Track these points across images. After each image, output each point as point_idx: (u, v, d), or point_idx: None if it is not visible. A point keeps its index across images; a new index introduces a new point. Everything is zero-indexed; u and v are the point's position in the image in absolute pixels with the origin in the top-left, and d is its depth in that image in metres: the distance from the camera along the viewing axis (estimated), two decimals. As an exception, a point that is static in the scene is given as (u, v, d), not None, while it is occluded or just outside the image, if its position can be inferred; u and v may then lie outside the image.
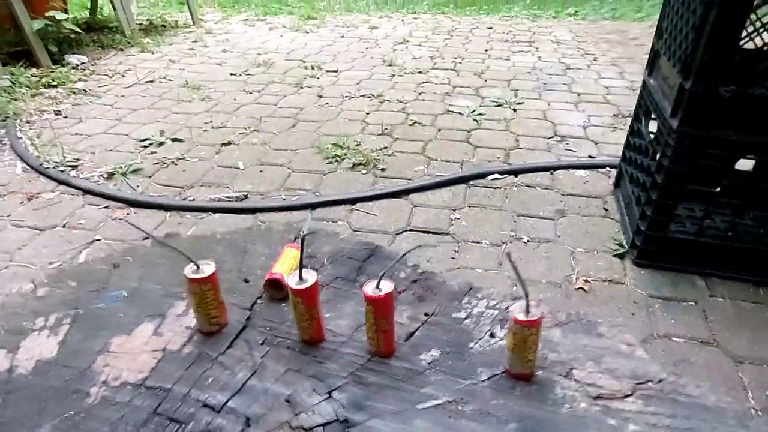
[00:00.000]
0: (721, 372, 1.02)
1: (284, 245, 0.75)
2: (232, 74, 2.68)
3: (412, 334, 0.61)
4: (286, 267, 0.68)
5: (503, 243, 1.38)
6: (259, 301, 0.67)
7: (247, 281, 0.70)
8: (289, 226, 0.86)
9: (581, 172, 1.68)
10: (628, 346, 0.60)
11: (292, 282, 0.57)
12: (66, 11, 3.68)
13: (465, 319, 0.64)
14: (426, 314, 0.64)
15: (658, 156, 1.19)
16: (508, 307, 0.66)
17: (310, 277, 0.58)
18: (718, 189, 1.29)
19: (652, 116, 1.32)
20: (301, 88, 2.46)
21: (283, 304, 0.66)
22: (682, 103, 1.09)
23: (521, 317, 0.53)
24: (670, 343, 1.08)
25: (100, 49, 3.14)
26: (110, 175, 1.76)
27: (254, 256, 0.76)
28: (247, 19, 3.93)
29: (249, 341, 0.60)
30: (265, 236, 0.81)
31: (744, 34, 1.09)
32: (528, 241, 1.38)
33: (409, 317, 0.64)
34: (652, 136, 1.31)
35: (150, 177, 1.75)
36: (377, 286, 0.55)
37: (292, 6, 4.35)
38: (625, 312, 1.15)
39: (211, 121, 2.14)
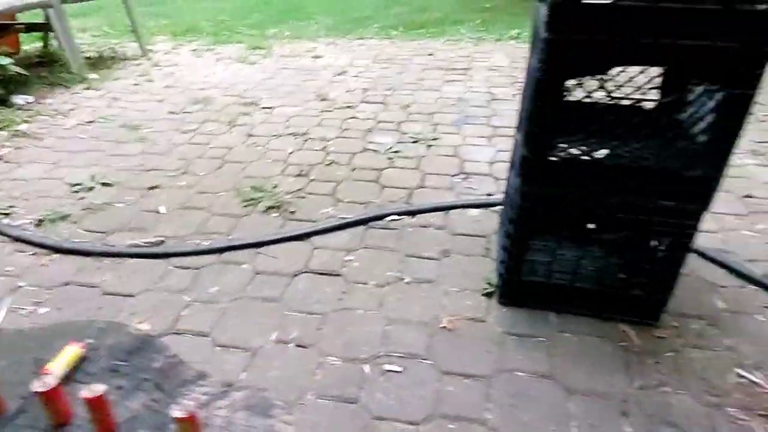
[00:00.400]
0: (552, 403, 1.17)
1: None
2: (171, 112, 2.80)
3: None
4: (61, 364, 0.81)
5: (387, 284, 1.51)
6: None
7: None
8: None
9: (474, 212, 1.83)
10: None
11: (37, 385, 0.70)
12: (17, 51, 3.76)
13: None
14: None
15: (509, 208, 1.34)
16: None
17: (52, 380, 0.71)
18: (560, 238, 1.44)
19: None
20: (234, 126, 2.59)
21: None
22: (522, 165, 1.24)
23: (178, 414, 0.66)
24: (513, 377, 1.23)
25: (47, 87, 3.23)
26: (40, 222, 1.87)
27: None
28: (196, 50, 4.04)
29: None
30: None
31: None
32: (410, 281, 1.52)
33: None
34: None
35: (76, 223, 1.85)
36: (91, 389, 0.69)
37: (242, 34, 4.48)
38: (480, 349, 1.30)
39: (142, 164, 2.25)
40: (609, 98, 1.27)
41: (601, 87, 1.22)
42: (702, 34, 0.92)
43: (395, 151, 2.26)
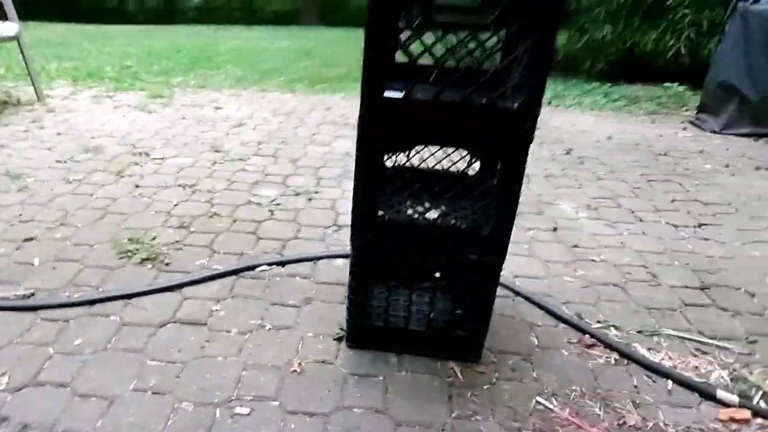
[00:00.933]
0: (379, 434, 1.33)
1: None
2: (58, 161, 2.80)
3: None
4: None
5: (249, 331, 1.64)
6: None
7: None
8: None
9: (339, 261, 2.01)
10: None
11: None
12: None
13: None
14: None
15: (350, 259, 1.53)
16: None
17: None
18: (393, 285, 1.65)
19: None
20: (122, 177, 2.64)
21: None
22: (352, 222, 1.44)
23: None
24: (350, 413, 1.38)
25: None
26: None
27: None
28: (95, 96, 4.04)
29: None
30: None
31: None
32: (270, 328, 1.66)
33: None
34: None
35: (-59, 277, 1.82)
36: None
37: (146, 81, 4.53)
38: (324, 389, 1.45)
39: (20, 215, 2.25)
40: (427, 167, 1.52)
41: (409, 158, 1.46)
42: (474, 124, 1.17)
43: (277, 204, 2.42)
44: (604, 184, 2.87)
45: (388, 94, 1.17)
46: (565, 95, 4.87)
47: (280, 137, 3.30)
